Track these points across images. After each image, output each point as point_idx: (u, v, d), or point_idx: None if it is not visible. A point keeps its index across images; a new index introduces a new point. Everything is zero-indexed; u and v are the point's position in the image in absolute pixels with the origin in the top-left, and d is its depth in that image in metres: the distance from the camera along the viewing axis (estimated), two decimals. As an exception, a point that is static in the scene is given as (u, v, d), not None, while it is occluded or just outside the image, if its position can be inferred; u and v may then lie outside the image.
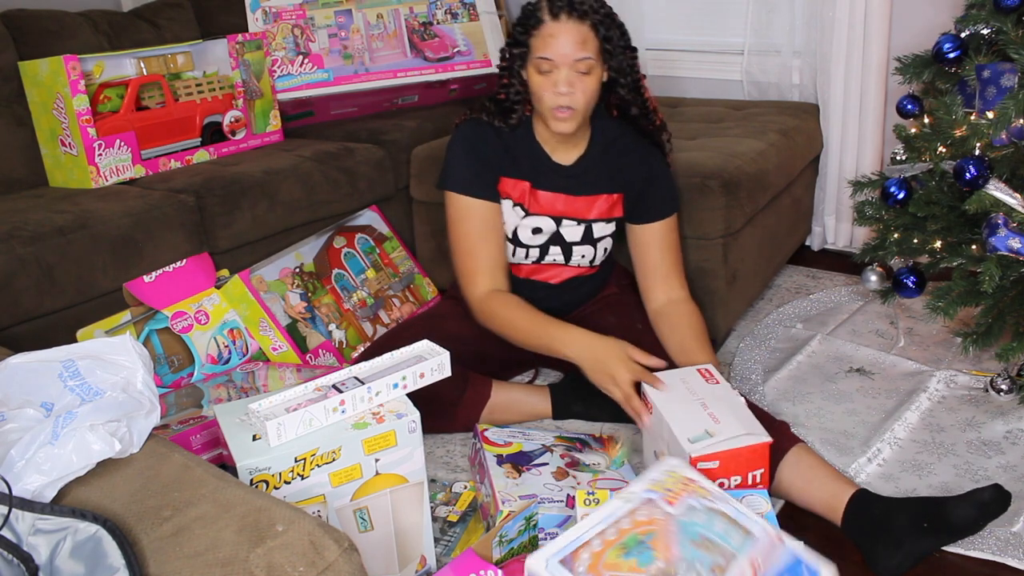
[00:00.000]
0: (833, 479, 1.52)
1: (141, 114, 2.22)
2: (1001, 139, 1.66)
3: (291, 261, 2.17)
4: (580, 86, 1.65)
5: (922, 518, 1.42)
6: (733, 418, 1.47)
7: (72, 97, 2.06)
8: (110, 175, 2.16)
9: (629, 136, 1.83)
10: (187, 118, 2.32)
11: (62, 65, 2.05)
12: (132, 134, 2.19)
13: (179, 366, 1.97)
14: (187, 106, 2.32)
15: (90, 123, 2.09)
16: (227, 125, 2.40)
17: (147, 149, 2.23)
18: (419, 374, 1.36)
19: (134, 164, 2.20)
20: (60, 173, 2.20)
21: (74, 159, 2.14)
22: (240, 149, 2.43)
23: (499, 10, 2.83)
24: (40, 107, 2.16)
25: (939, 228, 1.80)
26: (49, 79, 2.09)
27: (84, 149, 2.10)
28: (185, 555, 0.86)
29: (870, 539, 1.45)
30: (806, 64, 2.61)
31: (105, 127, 2.14)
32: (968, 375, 1.96)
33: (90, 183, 2.13)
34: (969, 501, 1.42)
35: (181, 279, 2.01)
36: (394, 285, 2.33)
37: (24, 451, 0.95)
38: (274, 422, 1.21)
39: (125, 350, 1.12)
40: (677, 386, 1.58)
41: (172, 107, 2.29)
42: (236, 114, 2.41)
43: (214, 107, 2.37)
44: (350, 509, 1.29)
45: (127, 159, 2.18)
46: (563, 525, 1.46)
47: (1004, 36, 1.66)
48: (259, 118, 2.48)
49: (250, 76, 2.44)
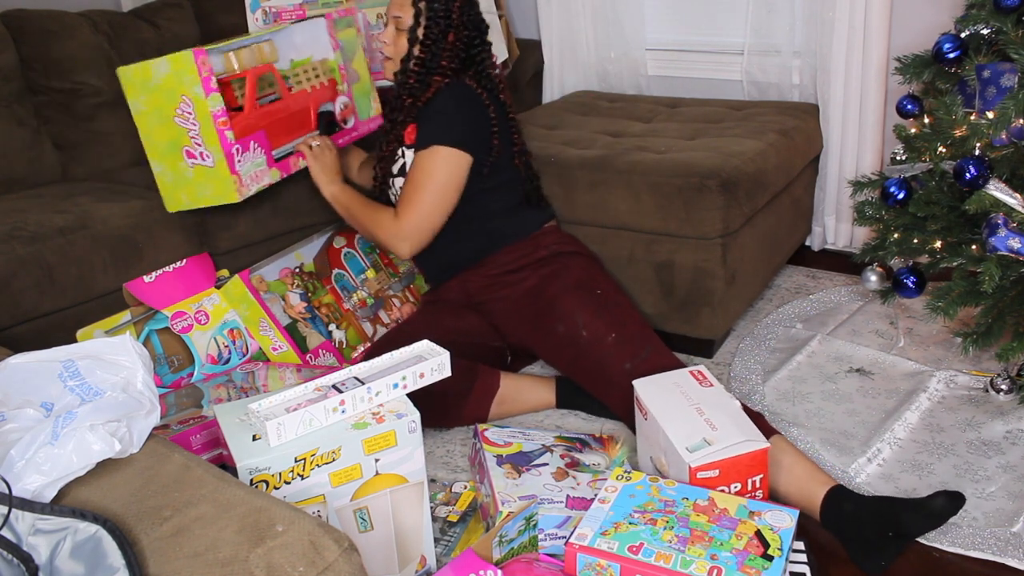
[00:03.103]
0: (811, 476, 1.53)
1: (265, 109, 1.91)
2: (1001, 139, 1.65)
3: (291, 261, 2.17)
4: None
5: (885, 526, 1.43)
6: (731, 424, 1.47)
7: (206, 97, 1.72)
8: (251, 183, 1.83)
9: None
10: (303, 110, 2.01)
11: (191, 61, 1.71)
12: (263, 133, 1.87)
13: (179, 366, 1.97)
14: (301, 96, 2.00)
15: (227, 125, 1.75)
16: (339, 113, 2.10)
17: (276, 149, 1.94)
18: (419, 374, 1.36)
19: (269, 167, 1.89)
20: (186, 192, 1.85)
21: (208, 171, 1.80)
22: (353, 137, 2.14)
23: (499, 10, 2.83)
24: (154, 117, 1.80)
25: (939, 228, 1.80)
26: (171, 81, 1.75)
27: (224, 156, 1.77)
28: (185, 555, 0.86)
29: (846, 537, 1.47)
30: (806, 64, 2.61)
31: (237, 128, 1.80)
32: (968, 375, 1.96)
33: (234, 196, 1.80)
34: (921, 512, 1.42)
35: (181, 279, 2.01)
36: (394, 285, 2.33)
37: (24, 451, 0.95)
38: (274, 422, 1.21)
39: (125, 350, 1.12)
40: (671, 390, 1.58)
41: (289, 99, 1.97)
42: (345, 100, 2.10)
43: (323, 95, 2.07)
44: (350, 509, 1.29)
45: (262, 163, 1.86)
46: (563, 525, 1.46)
47: (1004, 36, 1.66)
48: (361, 103, 2.16)
49: (347, 58, 2.12)
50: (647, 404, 1.54)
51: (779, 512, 1.34)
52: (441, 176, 1.82)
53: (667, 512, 1.34)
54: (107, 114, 2.42)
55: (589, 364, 1.78)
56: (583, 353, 1.78)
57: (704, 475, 1.41)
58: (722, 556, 1.25)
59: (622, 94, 2.89)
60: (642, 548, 1.27)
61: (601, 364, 1.75)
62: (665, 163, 2.09)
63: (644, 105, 2.68)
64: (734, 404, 1.53)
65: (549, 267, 1.89)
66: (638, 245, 2.11)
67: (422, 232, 1.85)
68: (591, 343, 1.77)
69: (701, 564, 1.23)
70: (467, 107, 1.85)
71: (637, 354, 1.74)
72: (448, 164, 1.82)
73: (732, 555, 1.25)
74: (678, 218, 2.04)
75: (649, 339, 1.79)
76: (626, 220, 2.11)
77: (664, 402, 1.54)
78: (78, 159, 2.40)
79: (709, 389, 1.57)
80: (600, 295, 1.84)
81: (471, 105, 1.85)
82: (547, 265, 1.89)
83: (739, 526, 1.31)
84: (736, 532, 1.30)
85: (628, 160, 2.14)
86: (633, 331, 1.79)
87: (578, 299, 1.82)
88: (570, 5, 2.91)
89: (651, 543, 1.28)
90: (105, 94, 2.41)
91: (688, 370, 1.64)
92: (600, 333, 1.77)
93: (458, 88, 1.86)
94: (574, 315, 1.79)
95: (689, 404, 1.53)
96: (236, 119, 1.81)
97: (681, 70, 2.91)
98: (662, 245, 2.08)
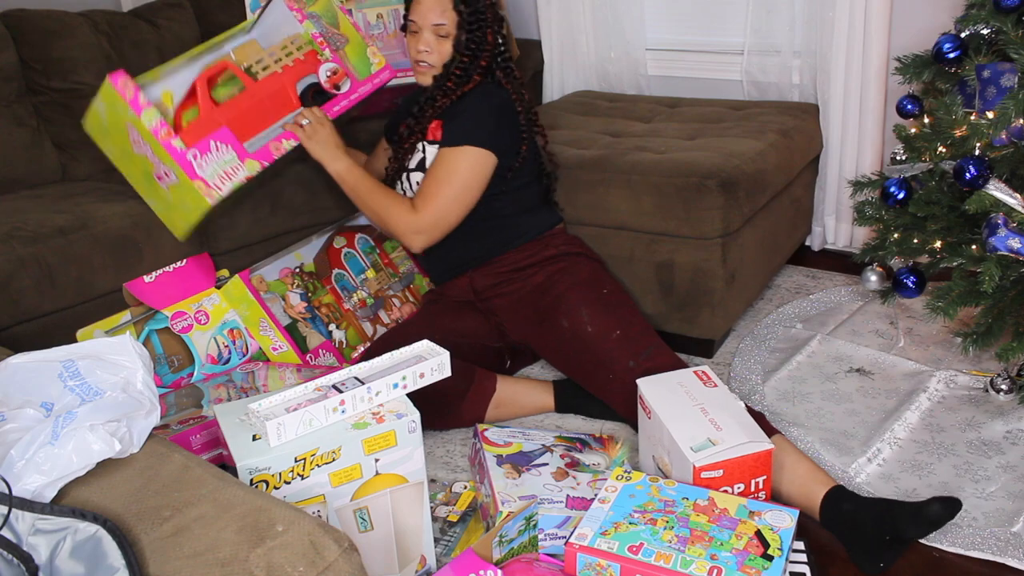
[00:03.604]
0: (811, 476, 1.53)
1: (223, 106, 1.91)
2: (1001, 139, 1.65)
3: (291, 261, 2.17)
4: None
5: (883, 530, 1.43)
6: (736, 425, 1.47)
7: (139, 116, 1.72)
8: (221, 182, 1.81)
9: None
10: (276, 91, 1.98)
11: (112, 88, 1.71)
12: (225, 129, 1.85)
13: (179, 366, 1.97)
14: (271, 80, 1.98)
15: (171, 135, 1.75)
16: (325, 82, 2.03)
17: (249, 140, 1.92)
18: (419, 374, 1.36)
19: (242, 160, 1.86)
20: (178, 216, 1.86)
21: (178, 187, 1.80)
22: (353, 101, 2.04)
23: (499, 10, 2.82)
24: (121, 155, 1.82)
25: (939, 228, 1.80)
26: (112, 115, 1.76)
27: (180, 166, 1.77)
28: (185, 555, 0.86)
29: (846, 537, 1.47)
30: (806, 64, 2.60)
31: (190, 135, 1.82)
32: (968, 375, 1.96)
33: (205, 202, 1.80)
34: (917, 517, 1.42)
35: (181, 279, 2.01)
36: (394, 285, 2.33)
37: (24, 451, 0.95)
38: (274, 422, 1.21)
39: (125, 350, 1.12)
40: (675, 390, 1.58)
41: (254, 87, 1.96)
42: (331, 66, 2.02)
43: (301, 69, 2.02)
44: (350, 509, 1.29)
45: (232, 158, 1.84)
46: (563, 525, 1.46)
47: (1004, 36, 1.66)
48: (358, 63, 2.08)
49: (324, 26, 2.06)
50: (651, 403, 1.54)
51: (779, 512, 1.34)
52: (466, 174, 1.82)
53: (667, 512, 1.34)
54: (107, 114, 2.42)
55: (592, 360, 1.78)
56: (587, 348, 1.78)
57: (708, 475, 1.41)
58: (722, 556, 1.25)
59: (622, 94, 2.89)
60: (642, 548, 1.27)
61: (604, 360, 1.76)
62: (665, 163, 2.09)
63: (644, 105, 2.68)
64: (738, 405, 1.53)
65: (557, 265, 1.90)
66: (638, 245, 2.11)
67: (438, 228, 1.85)
68: (595, 339, 1.77)
69: (701, 564, 1.23)
70: (500, 111, 1.86)
71: (640, 352, 1.74)
72: (475, 163, 1.82)
73: (732, 555, 1.25)
74: (678, 218, 2.04)
75: (652, 339, 1.80)
76: (626, 220, 2.11)
77: (668, 402, 1.54)
78: (78, 159, 2.39)
79: (713, 389, 1.57)
80: (606, 294, 1.85)
81: (504, 110, 1.86)
82: (555, 263, 1.90)
83: (739, 526, 1.31)
84: (736, 532, 1.30)
85: (628, 160, 2.14)
86: (638, 331, 1.79)
87: (585, 296, 1.82)
88: (570, 5, 2.91)
89: (651, 543, 1.28)
90: (105, 94, 2.41)
91: (692, 370, 1.64)
92: (605, 330, 1.77)
93: (492, 89, 1.87)
94: (580, 311, 1.80)
95: (693, 404, 1.53)
96: (191, 126, 1.83)
97: (681, 70, 2.91)
98: (662, 245, 2.08)
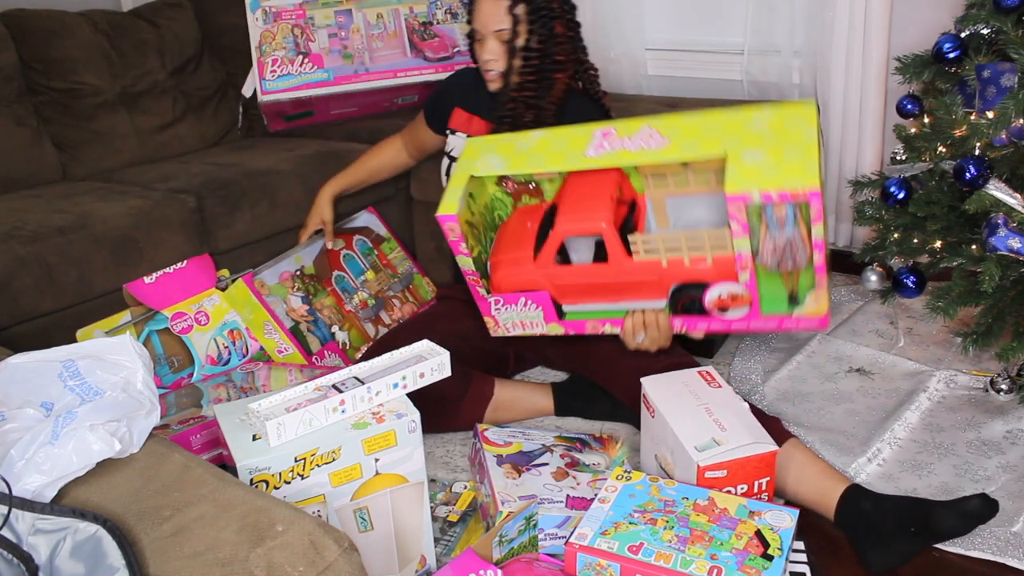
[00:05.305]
0: (826, 475, 1.53)
1: (567, 269, 1.57)
2: (1001, 139, 1.65)
3: (291, 264, 2.17)
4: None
5: (909, 522, 1.43)
6: (740, 425, 1.47)
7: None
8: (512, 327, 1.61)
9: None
10: (642, 282, 1.55)
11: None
12: (545, 294, 1.57)
13: (179, 366, 1.97)
14: (647, 266, 1.52)
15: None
16: (716, 300, 1.48)
17: (572, 305, 1.61)
18: (419, 374, 1.36)
19: (547, 323, 1.61)
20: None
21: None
22: (729, 329, 1.55)
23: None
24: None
25: (939, 228, 1.80)
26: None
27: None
28: (185, 555, 0.86)
29: (860, 535, 1.46)
30: (806, 64, 2.60)
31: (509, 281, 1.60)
32: (968, 375, 1.96)
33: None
34: (955, 510, 1.42)
35: (181, 280, 2.01)
36: (393, 286, 2.33)
37: (24, 451, 0.95)
38: (274, 422, 1.21)
39: (125, 350, 1.12)
40: (679, 390, 1.58)
41: (620, 264, 1.49)
42: (734, 288, 1.48)
43: (694, 274, 1.47)
44: (350, 509, 1.29)
45: (527, 318, 1.60)
46: (563, 525, 1.46)
47: (1004, 36, 1.66)
48: (772, 302, 1.50)
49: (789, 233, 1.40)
50: (655, 402, 1.54)
51: (779, 512, 1.34)
52: None
53: (667, 512, 1.34)
54: (107, 114, 2.42)
55: (601, 352, 1.77)
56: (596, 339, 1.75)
57: (712, 475, 1.41)
58: (722, 556, 1.25)
59: (622, 94, 2.88)
60: (642, 548, 1.27)
61: (613, 353, 1.74)
62: (665, 163, 2.09)
63: (644, 105, 2.68)
64: (743, 406, 1.53)
65: None
66: (638, 245, 2.11)
67: None
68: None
69: (701, 564, 1.23)
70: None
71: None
72: None
73: (732, 555, 1.25)
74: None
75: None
76: (626, 220, 2.11)
77: (672, 401, 1.54)
78: (78, 159, 2.40)
79: (718, 390, 1.57)
80: None
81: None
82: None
83: (739, 526, 1.31)
84: (736, 532, 1.30)
85: (628, 160, 2.13)
86: None
87: None
88: (570, 5, 2.91)
89: (651, 543, 1.28)
90: (105, 94, 2.41)
91: (696, 370, 1.64)
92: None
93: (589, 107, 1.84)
94: None
95: (698, 404, 1.53)
96: (523, 265, 1.58)
97: (681, 70, 2.90)
98: (662, 245, 2.08)
